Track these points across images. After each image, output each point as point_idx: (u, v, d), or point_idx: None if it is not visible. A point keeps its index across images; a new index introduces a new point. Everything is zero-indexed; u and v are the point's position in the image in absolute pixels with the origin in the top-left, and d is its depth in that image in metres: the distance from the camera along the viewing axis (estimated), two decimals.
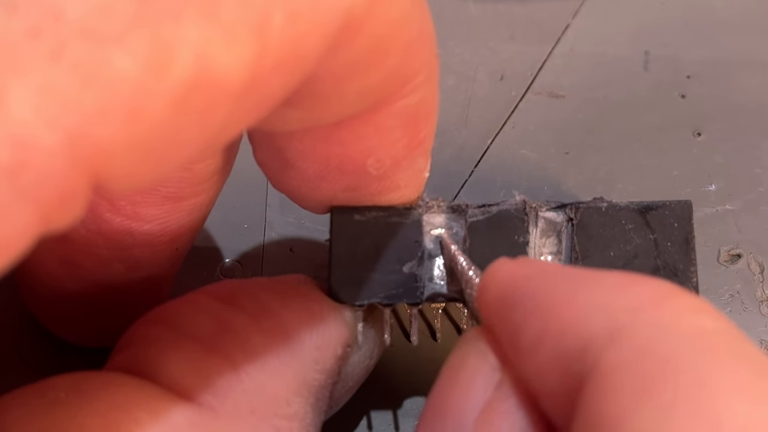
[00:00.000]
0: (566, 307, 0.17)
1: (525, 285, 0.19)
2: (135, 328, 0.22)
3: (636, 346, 0.16)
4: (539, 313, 0.18)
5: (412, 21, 0.19)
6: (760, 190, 0.30)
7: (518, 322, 0.18)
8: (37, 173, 0.13)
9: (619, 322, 0.16)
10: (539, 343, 0.18)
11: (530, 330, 0.18)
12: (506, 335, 0.19)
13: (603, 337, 0.16)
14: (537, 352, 0.18)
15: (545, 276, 0.19)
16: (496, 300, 0.19)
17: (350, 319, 0.23)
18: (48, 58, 0.13)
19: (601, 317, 0.17)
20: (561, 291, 0.18)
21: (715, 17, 0.33)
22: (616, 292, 0.17)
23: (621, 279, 0.18)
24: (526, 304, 0.18)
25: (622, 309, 0.17)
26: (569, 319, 0.17)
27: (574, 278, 0.18)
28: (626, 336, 0.16)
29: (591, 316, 0.17)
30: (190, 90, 0.14)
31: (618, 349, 0.16)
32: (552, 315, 0.18)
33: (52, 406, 0.19)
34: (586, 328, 0.17)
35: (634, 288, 0.17)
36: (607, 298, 0.17)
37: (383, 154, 0.21)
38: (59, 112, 0.13)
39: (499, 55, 0.32)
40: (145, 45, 0.14)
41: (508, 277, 0.19)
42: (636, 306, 0.17)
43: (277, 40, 0.15)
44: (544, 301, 0.18)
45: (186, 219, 0.23)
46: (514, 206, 0.24)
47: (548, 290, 0.18)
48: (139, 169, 0.15)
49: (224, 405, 0.20)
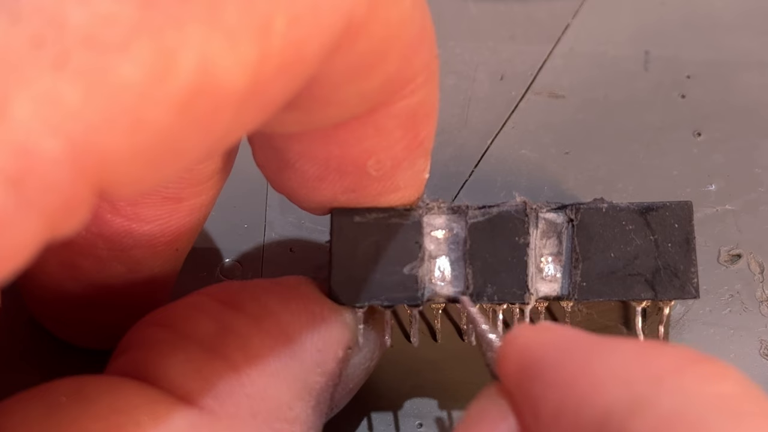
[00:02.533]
0: (584, 378, 0.17)
1: (543, 355, 0.19)
2: (135, 330, 0.22)
3: (661, 415, 0.16)
4: (557, 385, 0.18)
5: (412, 23, 0.19)
6: (760, 190, 0.30)
7: (537, 394, 0.18)
8: (41, 182, 0.13)
9: (641, 393, 0.16)
10: (559, 416, 0.17)
11: (549, 402, 0.18)
12: (527, 405, 0.19)
13: (624, 409, 0.16)
14: (557, 425, 0.17)
15: (563, 345, 0.19)
16: (516, 370, 0.19)
17: (351, 321, 0.23)
18: (51, 66, 0.13)
19: (621, 388, 0.17)
20: (576, 361, 0.18)
21: (715, 17, 0.33)
22: (635, 360, 0.17)
23: (638, 347, 0.18)
24: (545, 376, 0.18)
25: (642, 379, 0.17)
26: (587, 391, 0.17)
27: (592, 347, 0.18)
28: (649, 406, 0.16)
29: (610, 386, 0.17)
30: (193, 96, 0.14)
31: (643, 419, 0.16)
32: (570, 387, 0.17)
33: (53, 410, 0.19)
34: (605, 399, 0.17)
35: (653, 356, 0.17)
36: (625, 368, 0.17)
37: (383, 155, 0.21)
38: (63, 121, 0.13)
39: (499, 55, 0.32)
40: (148, 52, 0.14)
41: (526, 346, 0.19)
42: (657, 375, 0.17)
43: (279, 45, 0.15)
44: (562, 373, 0.18)
45: (186, 220, 0.23)
46: (515, 207, 0.24)
47: (566, 361, 0.18)
48: (143, 176, 0.15)
49: (225, 408, 0.20)
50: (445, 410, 0.27)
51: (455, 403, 0.27)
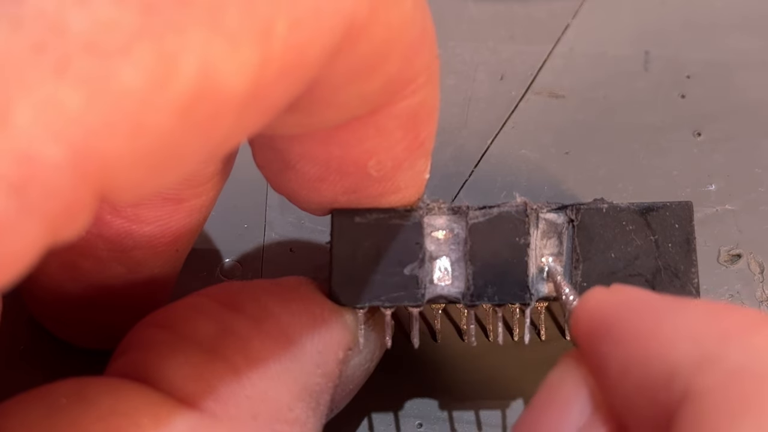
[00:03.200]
0: (652, 335, 0.17)
1: (612, 315, 0.19)
2: (136, 331, 0.22)
3: (728, 370, 0.16)
4: (625, 342, 0.18)
5: (413, 25, 0.19)
6: (760, 190, 0.30)
7: (606, 352, 0.18)
8: (43, 188, 0.13)
9: (708, 350, 0.16)
10: (625, 373, 0.18)
11: (617, 359, 0.18)
12: (596, 365, 0.19)
13: (691, 364, 0.16)
14: (624, 382, 0.18)
15: (632, 305, 0.19)
16: (587, 330, 0.20)
17: (351, 322, 0.23)
18: (53, 72, 0.13)
19: (689, 345, 0.17)
20: (647, 320, 0.18)
21: (715, 17, 0.33)
22: (704, 320, 0.17)
23: (708, 307, 0.18)
24: (613, 334, 0.18)
25: (710, 337, 0.17)
26: (655, 347, 0.17)
27: (660, 306, 0.18)
28: (717, 361, 0.16)
29: (677, 344, 0.17)
30: (194, 101, 0.14)
31: (710, 375, 0.16)
32: (637, 344, 0.18)
33: (54, 411, 0.19)
34: (673, 355, 0.17)
35: (722, 316, 0.17)
36: (694, 326, 0.17)
37: (384, 156, 0.21)
38: (64, 127, 0.13)
39: (499, 55, 0.32)
40: (149, 57, 0.14)
41: (597, 307, 0.19)
42: (725, 334, 0.17)
43: (281, 49, 0.15)
44: (630, 331, 0.18)
45: (186, 220, 0.23)
46: (515, 208, 0.24)
47: (634, 320, 0.18)
48: (144, 180, 0.15)
49: (226, 411, 0.20)
50: (445, 410, 0.27)
51: (455, 403, 0.27)
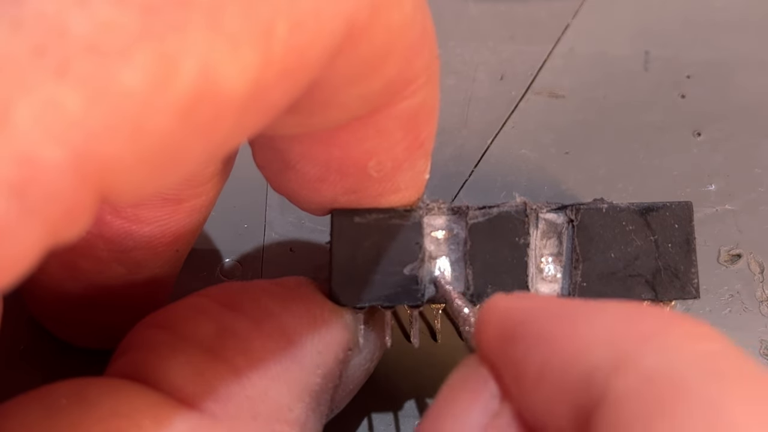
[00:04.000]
0: (568, 339, 0.17)
1: (524, 319, 0.19)
2: (136, 331, 0.22)
3: (643, 373, 0.16)
4: (540, 346, 0.18)
5: (413, 26, 0.19)
6: (760, 190, 0.30)
7: (520, 357, 0.18)
8: (44, 190, 0.13)
9: (624, 352, 0.16)
10: (542, 377, 0.17)
11: (532, 364, 0.18)
12: (508, 370, 0.19)
13: (608, 367, 0.16)
14: (541, 386, 0.18)
15: (544, 309, 0.19)
16: (496, 336, 0.19)
17: (351, 322, 0.23)
18: (53, 74, 0.13)
19: (605, 347, 0.17)
20: (561, 324, 0.18)
21: (715, 17, 0.33)
22: (618, 322, 0.17)
23: (621, 309, 0.18)
24: (527, 339, 0.18)
25: (625, 338, 0.17)
26: (571, 351, 0.17)
27: (573, 310, 0.18)
28: (632, 364, 0.16)
29: (593, 346, 0.17)
30: (195, 102, 0.14)
31: (625, 378, 0.16)
32: (553, 348, 0.17)
33: (54, 412, 0.19)
34: (590, 359, 0.17)
35: (636, 318, 0.17)
36: (608, 329, 0.17)
37: (384, 156, 0.21)
38: (65, 129, 0.13)
39: (499, 55, 0.32)
40: (149, 59, 0.14)
41: (507, 312, 0.19)
42: (640, 335, 0.17)
43: (281, 51, 0.15)
44: (545, 335, 0.18)
45: (186, 221, 0.23)
46: (515, 208, 0.24)
47: (548, 323, 0.18)
48: (145, 182, 0.15)
49: (226, 411, 0.20)
50: None
51: None
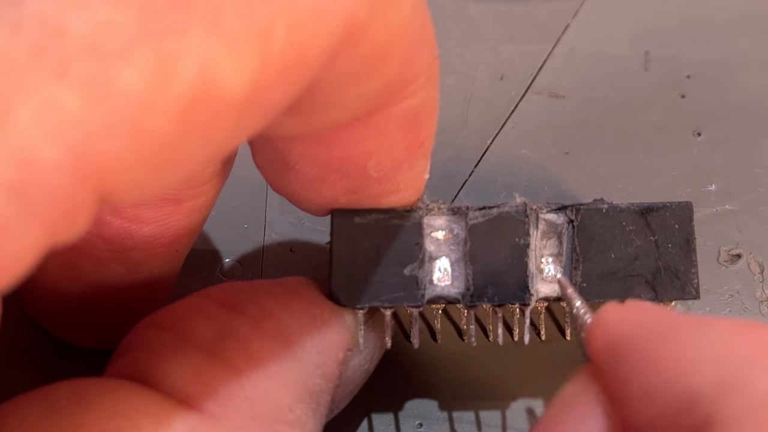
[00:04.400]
0: (673, 358, 0.17)
1: (632, 334, 0.19)
2: (135, 332, 0.22)
3: (755, 396, 0.16)
4: (646, 365, 0.18)
5: (413, 26, 0.19)
6: (760, 190, 0.30)
7: (626, 373, 0.18)
8: (43, 190, 0.13)
9: (732, 373, 0.16)
10: (647, 396, 0.17)
11: (638, 382, 0.18)
12: (615, 384, 0.19)
13: (714, 389, 0.16)
14: (645, 405, 0.17)
15: (653, 324, 0.19)
16: (605, 348, 0.19)
17: (351, 323, 0.23)
18: (53, 75, 0.13)
19: (711, 369, 0.17)
20: (667, 342, 0.18)
21: (715, 17, 0.33)
22: (725, 341, 0.17)
23: (731, 327, 0.17)
24: (634, 355, 0.18)
25: (733, 359, 0.16)
26: (677, 371, 0.17)
27: (680, 326, 0.18)
28: (741, 387, 0.16)
29: (699, 367, 0.17)
30: (194, 103, 0.14)
31: (735, 401, 0.16)
32: (659, 367, 0.17)
33: (54, 412, 0.19)
34: (695, 380, 0.17)
35: (745, 337, 0.17)
36: (715, 348, 0.17)
37: (384, 157, 0.21)
38: (65, 130, 0.13)
39: (499, 55, 0.32)
40: (148, 60, 0.14)
41: (616, 324, 0.19)
42: (748, 356, 0.16)
43: (280, 51, 0.15)
44: (651, 352, 0.18)
45: (186, 221, 0.23)
46: (515, 208, 0.24)
47: (654, 340, 0.18)
48: (145, 183, 0.15)
49: (226, 412, 0.20)
50: (445, 410, 0.27)
51: (455, 403, 0.27)
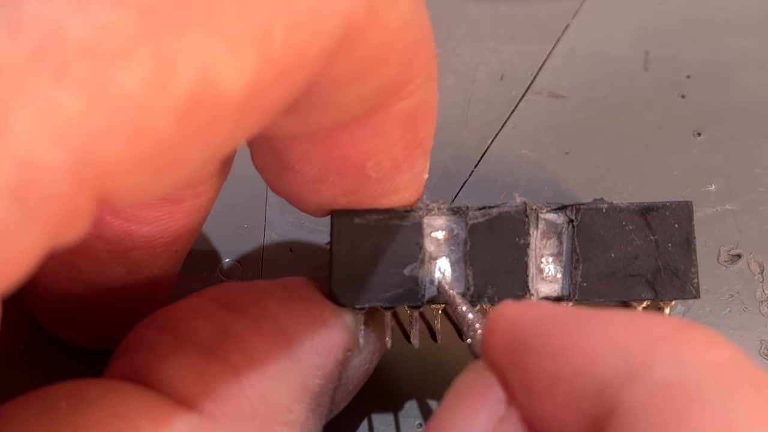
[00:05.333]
0: (578, 348, 0.17)
1: (533, 328, 0.19)
2: (135, 332, 0.22)
3: (655, 383, 0.16)
4: (550, 356, 0.18)
5: (411, 26, 0.19)
6: (760, 190, 0.30)
7: (529, 366, 0.18)
8: (43, 193, 0.13)
9: (635, 361, 0.16)
10: (553, 387, 0.18)
11: (542, 374, 0.18)
12: (516, 378, 0.19)
13: (619, 376, 0.16)
14: (551, 396, 0.18)
15: (553, 318, 0.19)
16: (504, 344, 0.19)
17: (351, 323, 0.23)
18: (52, 78, 0.13)
19: (615, 357, 0.17)
20: (571, 333, 0.18)
21: (715, 17, 0.33)
22: (628, 330, 0.17)
23: (630, 317, 0.18)
24: (536, 348, 0.18)
25: (635, 347, 0.17)
26: (582, 361, 0.17)
27: (582, 319, 0.18)
28: (644, 374, 0.16)
29: (604, 356, 0.17)
30: (193, 104, 0.14)
31: (638, 388, 0.16)
32: (564, 358, 0.18)
33: (53, 414, 0.19)
34: (601, 368, 0.17)
35: (645, 325, 0.17)
36: (618, 337, 0.17)
37: (383, 157, 0.21)
38: (64, 132, 0.13)
39: (499, 55, 0.32)
40: (147, 62, 0.14)
41: (515, 320, 0.19)
42: (650, 343, 0.17)
43: (279, 52, 0.15)
44: (555, 344, 0.18)
45: (185, 221, 0.23)
46: (515, 208, 0.24)
47: (558, 332, 0.18)
48: (144, 184, 0.15)
49: (225, 412, 0.20)
50: None
51: None
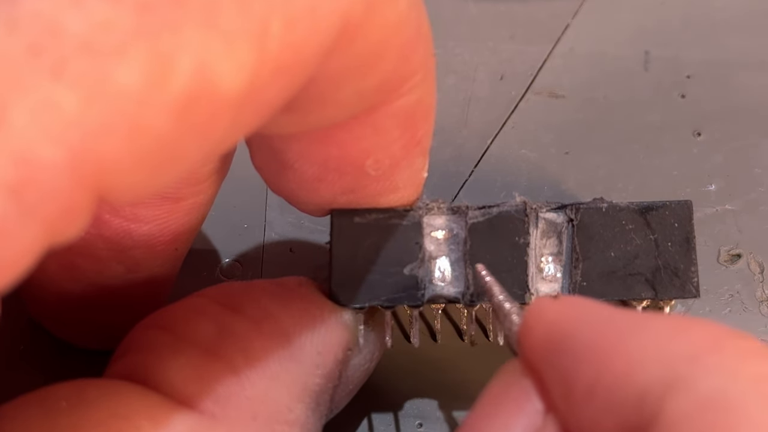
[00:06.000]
0: (619, 354, 0.17)
1: (573, 329, 0.18)
2: (135, 332, 0.22)
3: (698, 396, 0.16)
4: (591, 361, 0.18)
5: (408, 23, 0.19)
6: (760, 190, 0.30)
7: (568, 369, 0.18)
8: (41, 190, 0.13)
9: (677, 371, 0.16)
10: (592, 393, 0.17)
11: (582, 378, 0.18)
12: (554, 379, 0.19)
13: (661, 386, 0.16)
14: (589, 402, 0.17)
15: (594, 320, 0.18)
16: (542, 342, 0.19)
17: (351, 322, 0.23)
18: (50, 74, 0.13)
19: (657, 366, 0.17)
20: (612, 337, 0.18)
21: (715, 17, 0.33)
22: (670, 337, 0.17)
23: (674, 323, 0.17)
24: (576, 351, 0.18)
25: (678, 356, 0.16)
26: (623, 368, 0.17)
27: (624, 322, 0.18)
28: (686, 386, 0.16)
29: (646, 364, 0.17)
30: (190, 101, 0.14)
31: (680, 400, 0.16)
32: (605, 364, 0.17)
33: (53, 414, 0.19)
34: (642, 377, 0.17)
35: (689, 333, 0.17)
36: (661, 345, 0.17)
37: (382, 155, 0.21)
38: (62, 129, 0.13)
39: (499, 55, 0.32)
40: (145, 58, 0.14)
41: (555, 319, 0.19)
42: (693, 353, 0.16)
43: (276, 48, 0.15)
44: (596, 349, 0.18)
45: (185, 219, 0.23)
46: (515, 207, 0.24)
47: (599, 336, 0.18)
48: (142, 181, 0.15)
49: (226, 412, 0.20)
50: (445, 410, 0.27)
51: (455, 403, 0.27)
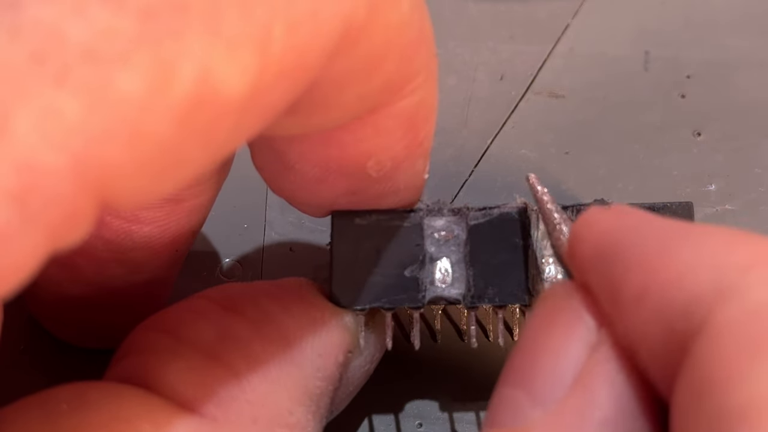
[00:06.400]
0: (671, 261, 0.17)
1: (625, 237, 0.18)
2: (136, 334, 0.22)
3: (749, 305, 0.15)
4: (641, 267, 0.17)
5: (411, 25, 0.19)
6: (760, 190, 0.30)
7: (618, 277, 0.18)
8: (44, 197, 0.13)
9: (729, 280, 0.16)
10: (641, 299, 0.17)
11: (631, 285, 0.17)
12: (603, 290, 0.18)
13: (711, 294, 0.16)
14: (638, 308, 0.17)
15: (646, 227, 0.18)
16: (592, 252, 0.19)
17: (352, 325, 0.23)
18: (52, 81, 0.13)
19: (709, 273, 0.16)
20: (664, 244, 0.17)
21: (715, 17, 0.33)
22: (725, 246, 0.17)
23: (729, 235, 0.17)
24: (627, 258, 0.18)
25: (731, 266, 0.16)
26: (674, 275, 0.17)
27: (678, 231, 0.17)
28: (737, 294, 0.16)
29: (698, 271, 0.16)
30: (193, 107, 0.14)
31: (730, 308, 0.15)
32: (656, 269, 0.17)
33: (54, 417, 0.19)
34: (693, 284, 0.16)
35: (744, 244, 0.17)
36: (715, 253, 0.16)
37: (383, 156, 0.21)
38: (65, 136, 0.13)
39: (499, 55, 0.32)
40: (147, 64, 0.14)
41: (606, 228, 0.19)
42: (747, 263, 0.16)
43: (279, 52, 0.15)
44: (647, 255, 0.17)
45: (185, 220, 0.23)
46: (515, 208, 0.24)
47: (650, 243, 0.17)
48: (145, 187, 0.15)
49: (226, 415, 0.20)
50: (445, 411, 0.27)
51: (455, 403, 0.27)
